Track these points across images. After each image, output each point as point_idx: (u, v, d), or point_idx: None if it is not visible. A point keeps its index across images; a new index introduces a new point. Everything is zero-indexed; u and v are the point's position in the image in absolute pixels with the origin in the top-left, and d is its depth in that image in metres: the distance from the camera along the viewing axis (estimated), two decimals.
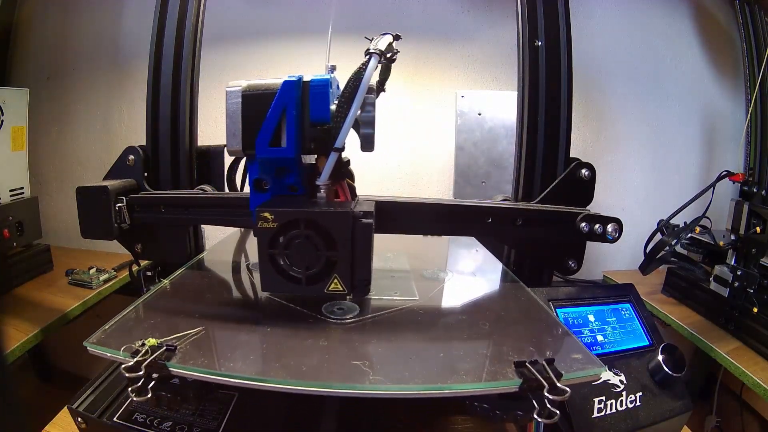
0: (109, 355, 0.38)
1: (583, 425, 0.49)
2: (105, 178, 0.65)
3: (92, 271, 1.04)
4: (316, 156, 0.48)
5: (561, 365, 0.37)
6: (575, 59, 0.67)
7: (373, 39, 0.47)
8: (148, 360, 0.36)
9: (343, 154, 0.48)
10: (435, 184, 1.28)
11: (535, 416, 0.33)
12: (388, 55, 0.46)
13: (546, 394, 0.33)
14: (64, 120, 1.29)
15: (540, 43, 0.66)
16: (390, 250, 0.72)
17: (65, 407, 0.50)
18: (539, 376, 0.35)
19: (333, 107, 0.45)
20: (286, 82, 0.44)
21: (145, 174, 0.67)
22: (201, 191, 0.68)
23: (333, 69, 0.48)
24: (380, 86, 0.58)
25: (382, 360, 0.39)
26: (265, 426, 0.45)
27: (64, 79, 1.27)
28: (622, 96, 1.27)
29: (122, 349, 0.38)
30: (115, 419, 0.45)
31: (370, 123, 0.46)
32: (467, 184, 1.23)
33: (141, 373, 0.35)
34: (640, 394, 0.53)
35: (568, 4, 0.67)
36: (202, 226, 0.74)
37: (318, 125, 0.45)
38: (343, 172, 0.49)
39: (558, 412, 0.33)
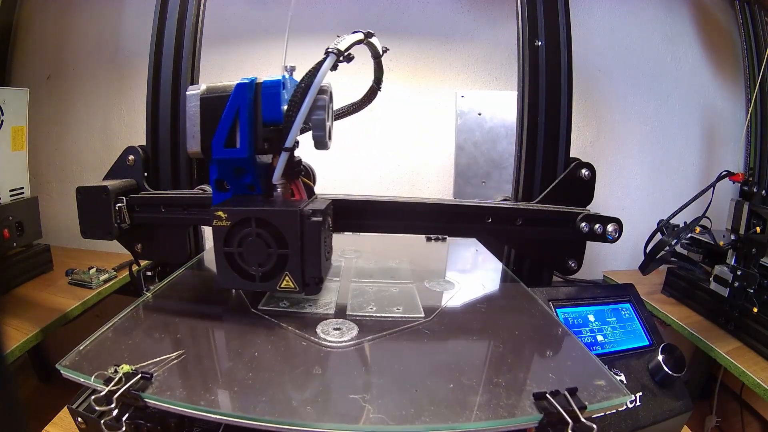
0: (82, 380, 0.36)
1: (583, 425, 0.49)
2: (105, 178, 0.65)
3: (92, 271, 1.03)
4: (272, 156, 0.49)
5: (583, 394, 0.34)
6: (575, 59, 0.67)
7: (338, 36, 0.47)
8: (121, 390, 0.33)
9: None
10: (435, 184, 1.28)
11: None
12: (346, 54, 0.46)
13: None
14: (64, 120, 1.29)
15: (540, 43, 0.66)
16: (392, 258, 0.70)
17: (65, 407, 0.50)
18: (561, 410, 0.32)
19: (285, 107, 0.46)
20: (239, 84, 0.46)
21: (145, 174, 0.67)
22: (201, 191, 0.68)
23: (292, 69, 0.49)
24: (376, 84, 0.58)
25: (383, 393, 0.35)
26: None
27: (64, 79, 1.27)
28: (622, 96, 1.27)
29: (94, 376, 0.34)
30: None
31: (320, 125, 0.47)
32: (467, 184, 1.23)
33: (113, 405, 0.32)
34: (640, 394, 0.53)
35: (568, 4, 0.67)
36: (202, 226, 0.74)
37: (271, 125, 0.46)
38: (296, 171, 0.50)
39: None
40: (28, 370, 1.35)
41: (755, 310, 0.81)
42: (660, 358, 0.55)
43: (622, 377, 0.54)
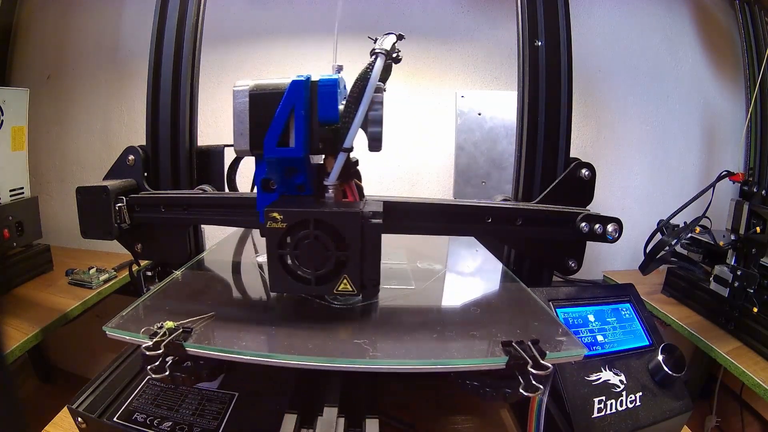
0: (128, 337, 0.40)
1: (583, 425, 0.49)
2: (105, 178, 0.65)
3: (92, 271, 1.03)
4: (323, 156, 0.48)
5: (546, 346, 0.39)
6: (575, 59, 0.67)
7: (377, 39, 0.47)
8: (167, 340, 0.38)
9: (352, 155, 0.48)
10: (435, 184, 1.28)
11: (521, 390, 0.36)
12: (393, 55, 0.46)
13: (531, 369, 0.36)
14: (64, 120, 1.29)
15: (540, 43, 0.66)
16: (389, 246, 0.73)
17: (65, 407, 0.50)
18: (524, 354, 0.37)
19: (341, 107, 0.45)
20: (294, 82, 0.44)
21: (145, 174, 0.67)
22: (201, 191, 0.68)
23: (340, 69, 0.48)
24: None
25: (380, 340, 0.42)
26: (265, 426, 0.45)
27: (64, 79, 1.27)
28: (622, 96, 1.27)
29: (141, 331, 0.40)
30: (115, 419, 0.45)
31: (378, 121, 0.47)
32: (467, 184, 1.23)
33: (160, 351, 0.37)
34: (640, 394, 0.53)
35: (568, 4, 0.66)
36: (202, 226, 0.74)
37: (326, 125, 0.45)
38: (351, 172, 0.49)
39: (542, 386, 0.36)
40: (28, 370, 1.35)
41: (755, 310, 0.81)
42: (660, 358, 0.55)
43: (622, 377, 0.54)
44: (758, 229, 0.83)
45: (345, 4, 1.20)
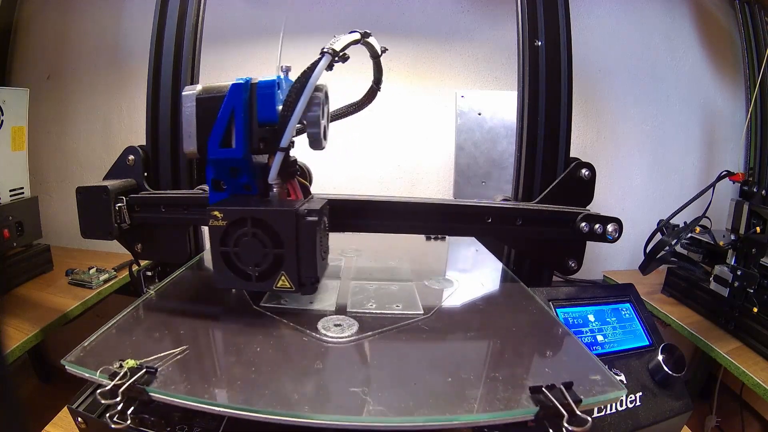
0: (87, 375, 0.36)
1: (579, 418, 0.49)
2: (105, 178, 0.65)
3: (92, 271, 1.03)
4: (268, 156, 0.49)
5: (579, 389, 0.34)
6: (575, 59, 0.67)
7: (335, 36, 0.47)
8: (126, 384, 0.33)
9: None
10: (435, 184, 1.28)
11: None
12: (341, 54, 0.46)
13: (565, 425, 0.31)
14: (64, 120, 1.29)
15: (540, 43, 0.66)
16: (392, 257, 0.70)
17: (65, 407, 0.50)
18: (557, 403, 0.32)
19: (280, 108, 0.46)
20: (234, 85, 0.46)
21: (145, 174, 0.67)
22: (201, 191, 0.68)
23: (288, 70, 0.49)
24: (375, 85, 0.58)
25: (383, 386, 0.35)
26: (265, 426, 0.45)
27: (64, 79, 1.27)
28: (622, 96, 1.27)
29: (99, 370, 0.35)
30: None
31: (315, 122, 0.47)
32: (467, 184, 1.23)
33: (118, 399, 0.33)
34: (640, 394, 0.53)
35: (568, 4, 0.67)
36: (202, 226, 0.74)
37: (266, 125, 0.46)
38: (291, 170, 0.50)
39: None
40: (28, 370, 1.35)
41: (755, 310, 0.81)
42: (660, 358, 0.55)
43: (622, 377, 0.54)
44: (758, 229, 0.83)
45: (345, 4, 1.20)
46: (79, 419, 0.46)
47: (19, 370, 1.31)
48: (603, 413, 0.50)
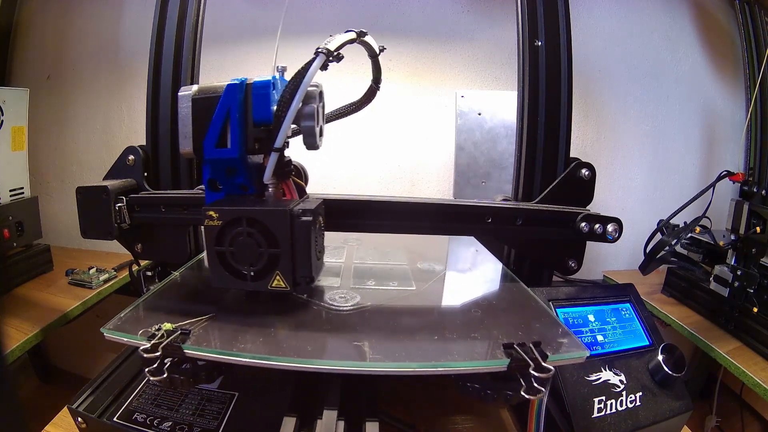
0: (126, 339, 0.40)
1: (583, 425, 0.49)
2: (105, 178, 0.65)
3: (92, 271, 1.03)
4: (263, 156, 0.49)
5: (547, 348, 0.39)
6: (575, 59, 0.67)
7: (330, 35, 0.47)
8: (164, 342, 0.38)
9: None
10: (435, 184, 1.28)
11: (522, 393, 0.36)
12: (335, 54, 0.46)
13: (532, 372, 0.36)
14: (64, 120, 1.29)
15: (540, 43, 0.66)
16: (389, 246, 0.74)
17: (65, 407, 0.50)
18: (526, 357, 0.37)
19: (275, 108, 0.46)
20: (229, 85, 0.46)
21: (145, 174, 0.67)
22: (201, 191, 0.68)
23: (284, 70, 0.49)
24: (375, 84, 0.58)
25: (380, 342, 0.42)
26: (265, 426, 0.45)
27: (64, 79, 1.27)
28: (622, 96, 1.27)
29: (139, 333, 0.40)
30: (115, 419, 0.45)
31: (310, 125, 0.47)
32: (467, 184, 1.23)
33: (158, 354, 0.37)
34: (640, 394, 0.53)
35: (568, 4, 0.67)
36: (202, 226, 0.74)
37: (261, 126, 0.47)
38: (286, 171, 0.50)
39: (543, 389, 0.36)
40: (28, 370, 1.35)
41: (755, 310, 0.81)
42: (660, 358, 0.55)
43: (622, 377, 0.54)
44: (758, 229, 0.83)
45: (345, 4, 1.20)
46: (79, 419, 0.46)
47: (19, 370, 1.31)
48: (603, 413, 0.50)
